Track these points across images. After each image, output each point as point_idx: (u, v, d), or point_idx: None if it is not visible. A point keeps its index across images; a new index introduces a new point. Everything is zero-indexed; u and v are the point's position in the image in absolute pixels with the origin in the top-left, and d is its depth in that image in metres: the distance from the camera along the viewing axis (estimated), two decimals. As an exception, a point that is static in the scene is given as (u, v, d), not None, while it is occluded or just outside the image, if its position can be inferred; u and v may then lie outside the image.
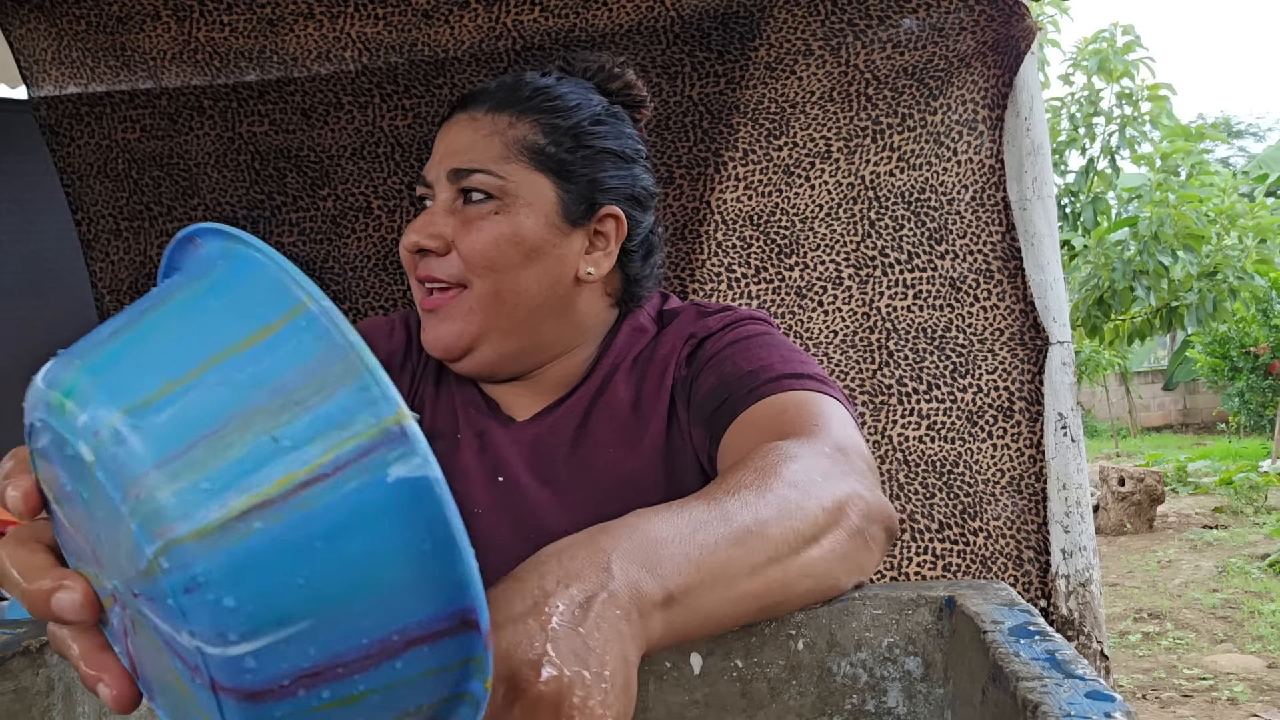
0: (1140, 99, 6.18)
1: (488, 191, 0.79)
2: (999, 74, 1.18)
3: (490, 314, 0.79)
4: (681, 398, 0.82)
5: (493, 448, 0.83)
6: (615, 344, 0.87)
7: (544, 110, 0.82)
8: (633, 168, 0.86)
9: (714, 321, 0.85)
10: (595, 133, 0.83)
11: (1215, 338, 10.00)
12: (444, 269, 0.79)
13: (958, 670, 0.54)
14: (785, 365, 0.76)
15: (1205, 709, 3.19)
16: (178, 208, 1.39)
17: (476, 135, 0.81)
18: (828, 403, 0.71)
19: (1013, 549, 1.20)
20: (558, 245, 0.81)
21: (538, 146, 0.80)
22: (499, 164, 0.79)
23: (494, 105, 0.82)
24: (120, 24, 1.31)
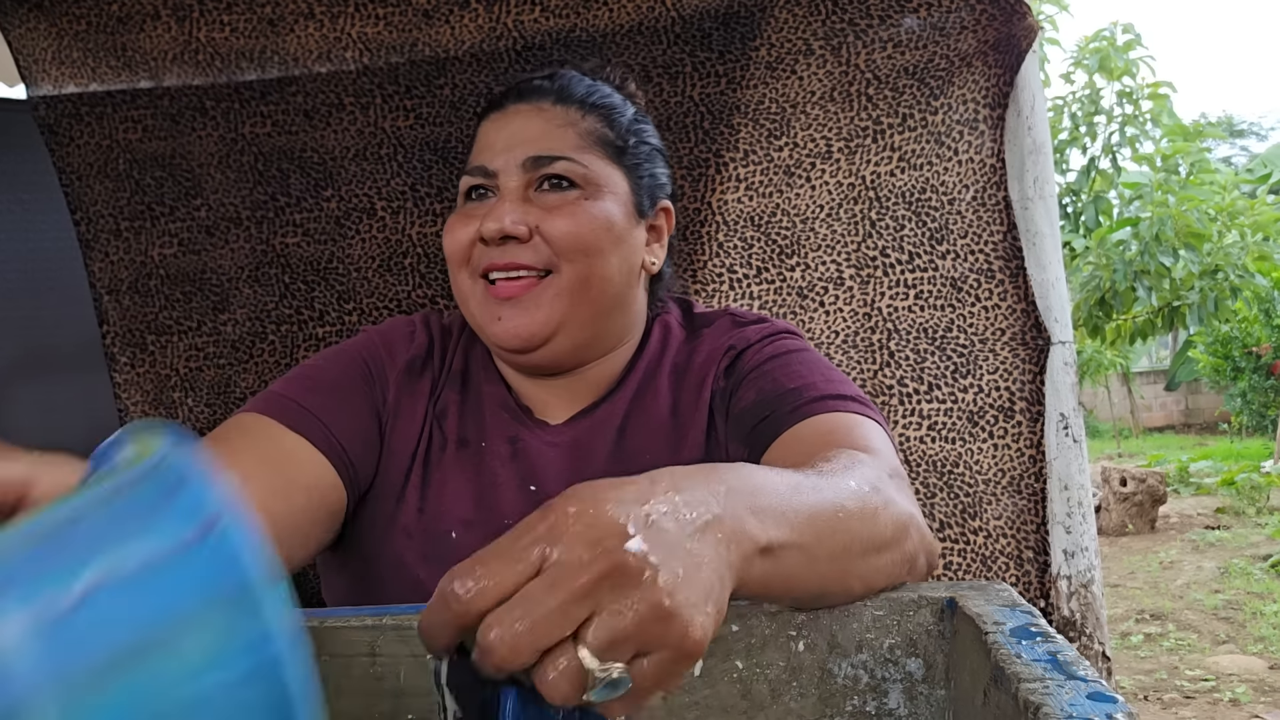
0: (1141, 97, 6.17)
1: (573, 179, 0.79)
2: (1000, 73, 1.18)
3: (576, 300, 0.78)
4: (720, 410, 0.82)
5: (525, 455, 0.82)
6: (649, 347, 0.88)
7: (603, 106, 0.84)
8: (668, 167, 0.89)
9: (751, 333, 0.85)
10: (644, 130, 0.86)
11: (1217, 338, 9.99)
12: (530, 255, 0.77)
13: (959, 672, 0.54)
14: (828, 385, 0.76)
15: (1207, 710, 3.19)
16: (180, 208, 1.39)
17: (549, 125, 0.80)
18: (872, 427, 0.72)
19: (1013, 549, 1.20)
20: (632, 235, 0.82)
21: (609, 139, 0.82)
22: (579, 153, 0.80)
23: (558, 98, 0.82)
24: (120, 24, 1.31)
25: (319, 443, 0.75)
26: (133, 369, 1.40)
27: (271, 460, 0.73)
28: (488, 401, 0.85)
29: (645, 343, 0.88)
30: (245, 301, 1.40)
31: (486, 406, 0.85)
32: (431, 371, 0.86)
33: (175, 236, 1.39)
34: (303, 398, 0.77)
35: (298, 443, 0.74)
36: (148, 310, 1.40)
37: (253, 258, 1.40)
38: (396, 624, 0.59)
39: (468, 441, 0.83)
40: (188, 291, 1.40)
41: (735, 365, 0.83)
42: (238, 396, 1.41)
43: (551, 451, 0.82)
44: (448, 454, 0.82)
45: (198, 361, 1.41)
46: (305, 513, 0.73)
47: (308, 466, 0.74)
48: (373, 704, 0.59)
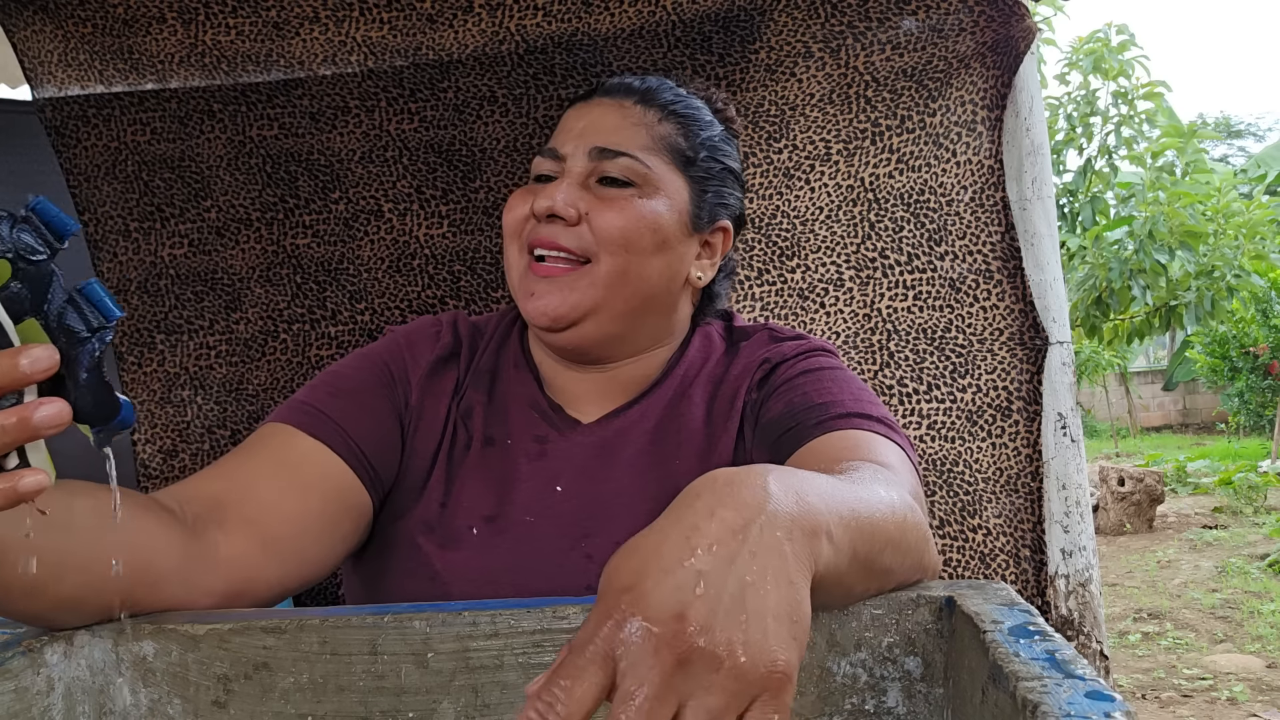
0: (1136, 97, 6.17)
1: (629, 178, 0.80)
2: (998, 74, 1.18)
3: (610, 292, 0.80)
4: (750, 420, 0.83)
5: (552, 455, 0.83)
6: (688, 354, 0.89)
7: (685, 117, 0.85)
8: (742, 192, 0.90)
9: (788, 348, 0.86)
10: (723, 150, 0.87)
11: (1215, 338, 10.00)
12: (572, 239, 0.79)
13: (957, 670, 0.54)
14: (856, 404, 0.77)
15: (1205, 709, 3.19)
16: (190, 209, 1.40)
17: (624, 122, 0.82)
18: (893, 448, 0.73)
19: (1011, 547, 1.20)
20: (682, 243, 0.83)
21: (680, 148, 0.83)
22: (645, 153, 0.81)
23: (641, 99, 0.84)
24: (126, 26, 1.31)
25: (336, 446, 0.76)
26: (140, 368, 1.41)
27: (286, 464, 0.74)
28: (516, 400, 0.86)
29: (686, 349, 0.89)
30: (257, 301, 1.41)
31: (514, 405, 0.86)
32: (457, 371, 0.87)
33: (185, 237, 1.40)
34: (322, 403, 0.79)
35: (314, 446, 0.76)
36: (157, 310, 1.41)
37: (264, 258, 1.41)
38: (398, 623, 0.59)
39: (493, 440, 0.83)
40: (198, 291, 1.41)
41: (769, 378, 0.84)
42: (250, 393, 1.42)
43: (579, 451, 0.83)
44: (472, 452, 0.83)
45: (208, 360, 1.42)
46: (320, 514, 0.74)
47: (323, 469, 0.76)
48: (373, 703, 0.59)
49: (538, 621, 0.58)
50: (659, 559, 0.41)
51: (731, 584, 0.40)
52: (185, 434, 1.42)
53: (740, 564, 0.41)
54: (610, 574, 0.42)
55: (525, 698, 0.40)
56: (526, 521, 0.79)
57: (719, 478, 0.45)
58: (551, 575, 0.77)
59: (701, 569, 0.40)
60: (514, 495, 0.80)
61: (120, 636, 0.60)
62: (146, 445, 1.42)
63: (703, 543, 0.41)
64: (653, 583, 0.40)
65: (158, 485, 1.44)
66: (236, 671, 0.59)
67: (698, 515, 0.43)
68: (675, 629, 0.38)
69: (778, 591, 0.41)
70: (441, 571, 0.78)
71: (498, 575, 0.77)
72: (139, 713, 0.60)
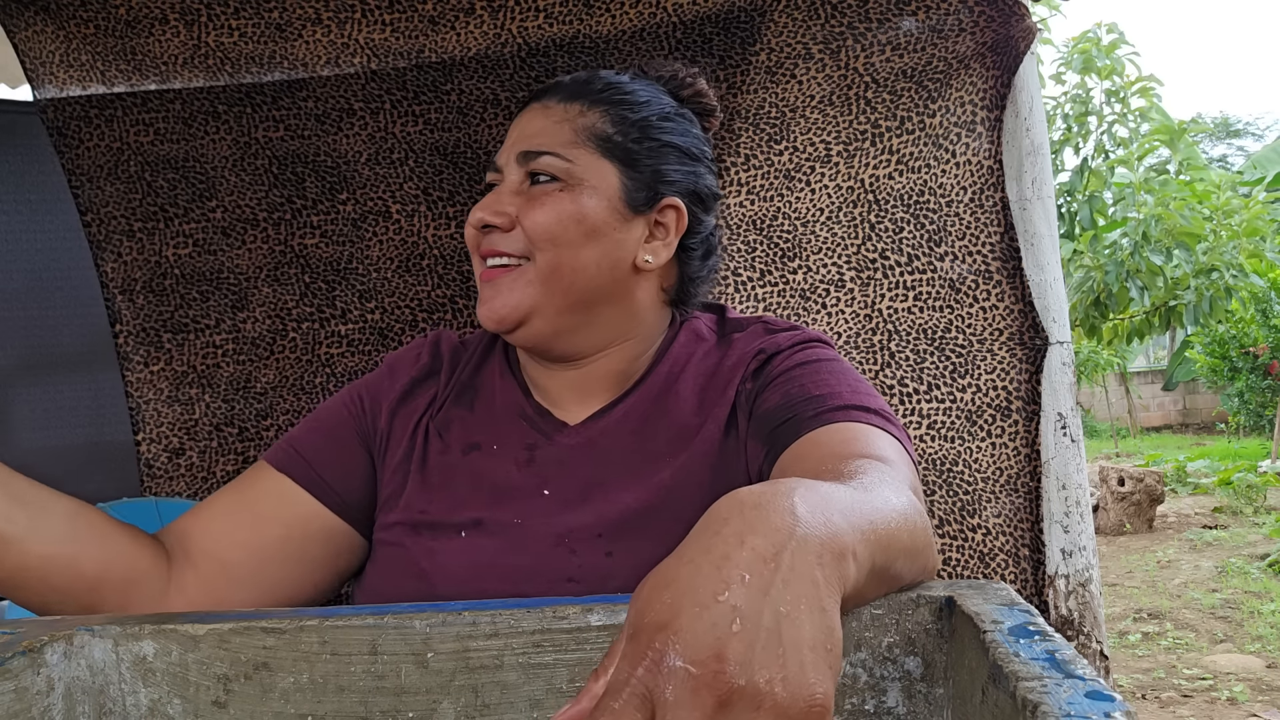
0: (1128, 95, 6.17)
1: (554, 174, 0.82)
2: (998, 75, 1.18)
3: (548, 287, 0.81)
4: (744, 409, 0.83)
5: (541, 461, 0.83)
6: (674, 349, 0.88)
7: (614, 102, 0.85)
8: (696, 166, 0.88)
9: (783, 339, 0.86)
10: (662, 127, 0.86)
11: (1215, 338, 10.00)
12: (508, 244, 0.82)
13: (957, 670, 0.54)
14: (853, 396, 0.77)
15: (1205, 709, 3.19)
16: (194, 209, 1.40)
17: (548, 122, 0.84)
18: (890, 441, 0.73)
19: (1011, 546, 1.20)
20: (618, 229, 0.83)
21: (605, 134, 0.84)
22: (567, 148, 0.83)
23: (566, 96, 0.86)
24: (129, 27, 1.31)
25: (299, 478, 0.84)
26: (146, 367, 1.41)
27: (246, 498, 0.84)
28: (504, 409, 0.87)
29: (671, 344, 0.89)
30: (264, 300, 1.42)
31: (502, 414, 0.87)
32: (434, 388, 0.90)
33: (190, 237, 1.40)
34: (297, 438, 0.87)
35: (278, 480, 0.84)
36: (163, 309, 1.41)
37: (271, 258, 1.42)
38: (398, 623, 0.59)
39: (479, 446, 0.85)
40: (204, 290, 1.41)
41: (764, 368, 0.84)
42: (258, 391, 1.43)
43: (566, 454, 0.83)
44: (452, 459, 0.84)
45: (215, 359, 1.42)
46: (282, 542, 0.82)
47: (285, 500, 0.83)
48: (373, 703, 0.59)
49: (538, 621, 0.58)
50: (693, 594, 0.40)
51: (767, 617, 0.39)
52: (193, 432, 1.42)
53: (774, 595, 0.40)
54: (641, 609, 0.41)
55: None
56: (514, 524, 0.80)
57: (745, 500, 0.45)
58: (537, 570, 0.78)
59: (736, 603, 0.39)
60: (502, 499, 0.81)
61: (120, 636, 0.60)
62: (151, 445, 1.43)
63: (735, 574, 0.40)
64: (688, 620, 0.39)
65: (162, 485, 1.45)
66: (236, 671, 0.59)
67: (727, 543, 0.42)
68: (715, 669, 0.38)
69: (812, 621, 0.40)
70: (429, 570, 0.79)
71: (483, 572, 0.78)
72: (139, 713, 0.60)
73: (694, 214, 0.88)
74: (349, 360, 1.46)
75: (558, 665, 0.58)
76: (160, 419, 1.42)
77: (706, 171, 0.89)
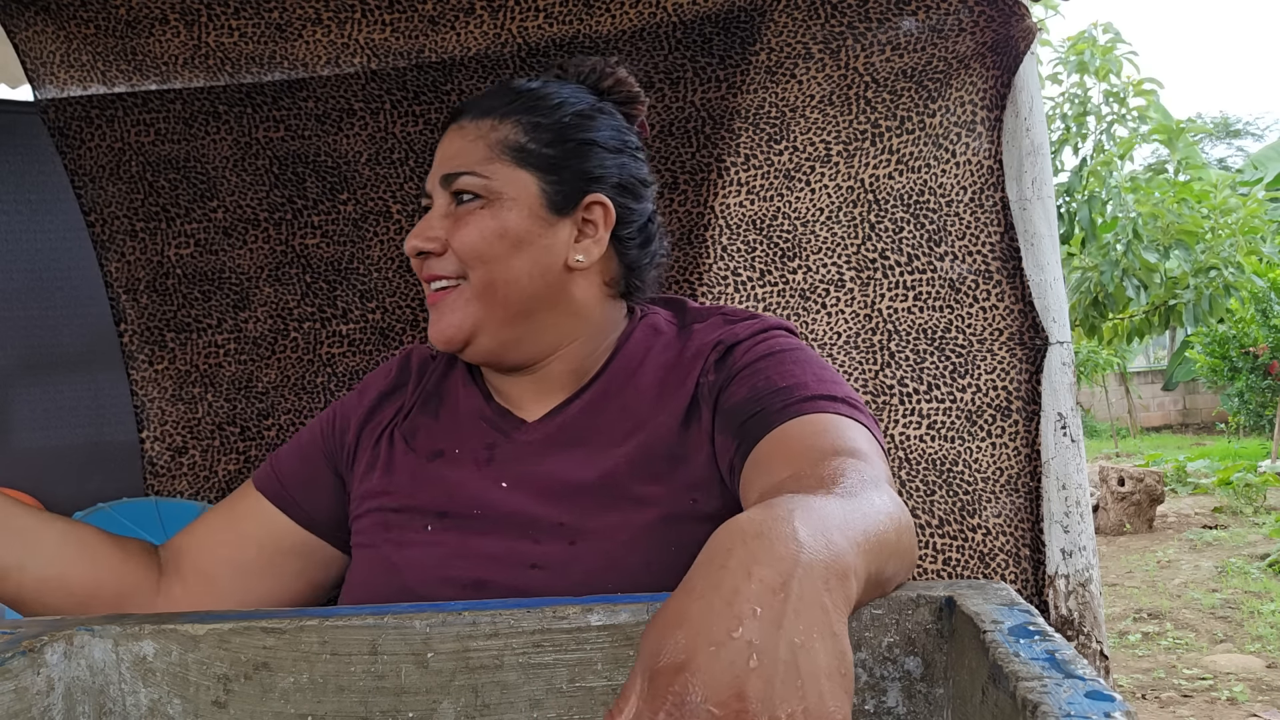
0: (1127, 95, 6.16)
1: (475, 192, 0.84)
2: (998, 75, 1.18)
3: (486, 304, 0.83)
4: (706, 401, 0.83)
5: (500, 458, 0.85)
6: (630, 343, 0.89)
7: (525, 110, 0.86)
8: (619, 157, 0.88)
9: (742, 329, 0.86)
10: (578, 126, 0.87)
11: (1215, 338, 10.00)
12: (443, 266, 0.84)
13: (957, 670, 0.54)
14: (819, 385, 0.78)
15: (1205, 709, 3.19)
16: (196, 209, 1.40)
17: (464, 142, 0.86)
18: (860, 430, 0.73)
19: (1011, 546, 1.20)
20: (544, 235, 0.84)
21: (519, 145, 0.85)
22: (483, 165, 0.84)
23: (478, 113, 0.87)
24: (129, 28, 1.31)
25: (273, 497, 0.91)
26: (151, 366, 1.42)
27: (230, 517, 0.91)
28: (467, 415, 0.89)
29: (628, 339, 0.89)
30: (266, 300, 1.42)
31: (465, 419, 0.89)
32: (401, 399, 0.93)
33: (192, 237, 1.41)
34: (277, 459, 0.94)
35: (257, 499, 0.91)
36: (166, 308, 1.41)
37: (272, 258, 1.42)
38: (398, 623, 0.59)
39: (442, 452, 0.87)
40: (206, 290, 1.42)
41: (726, 360, 0.84)
42: (259, 391, 1.44)
43: (525, 450, 0.85)
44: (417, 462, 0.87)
45: (218, 358, 1.43)
46: (257, 557, 0.89)
47: (262, 518, 0.90)
48: (373, 703, 0.59)
49: (538, 621, 0.58)
50: (707, 632, 0.40)
51: (783, 650, 0.39)
52: (195, 431, 1.43)
53: (788, 626, 0.40)
54: (654, 649, 0.41)
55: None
56: (475, 515, 0.82)
57: (746, 530, 0.44)
58: (501, 557, 0.79)
59: (751, 638, 0.39)
60: (464, 496, 0.83)
61: (120, 636, 0.60)
62: (155, 443, 1.43)
63: (746, 608, 0.40)
64: (705, 659, 0.39)
65: (164, 483, 1.45)
66: (236, 671, 0.59)
67: (735, 576, 0.42)
68: (737, 708, 0.38)
69: (825, 648, 0.40)
70: (399, 564, 0.82)
71: (449, 560, 0.80)
72: (139, 713, 0.60)
73: (623, 205, 0.88)
74: (350, 360, 1.46)
75: (558, 665, 0.58)
76: (164, 418, 1.42)
77: (631, 160, 0.89)
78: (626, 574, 0.76)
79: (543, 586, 0.76)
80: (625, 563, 0.76)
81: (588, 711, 0.58)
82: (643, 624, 0.57)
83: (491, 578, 0.78)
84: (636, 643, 0.57)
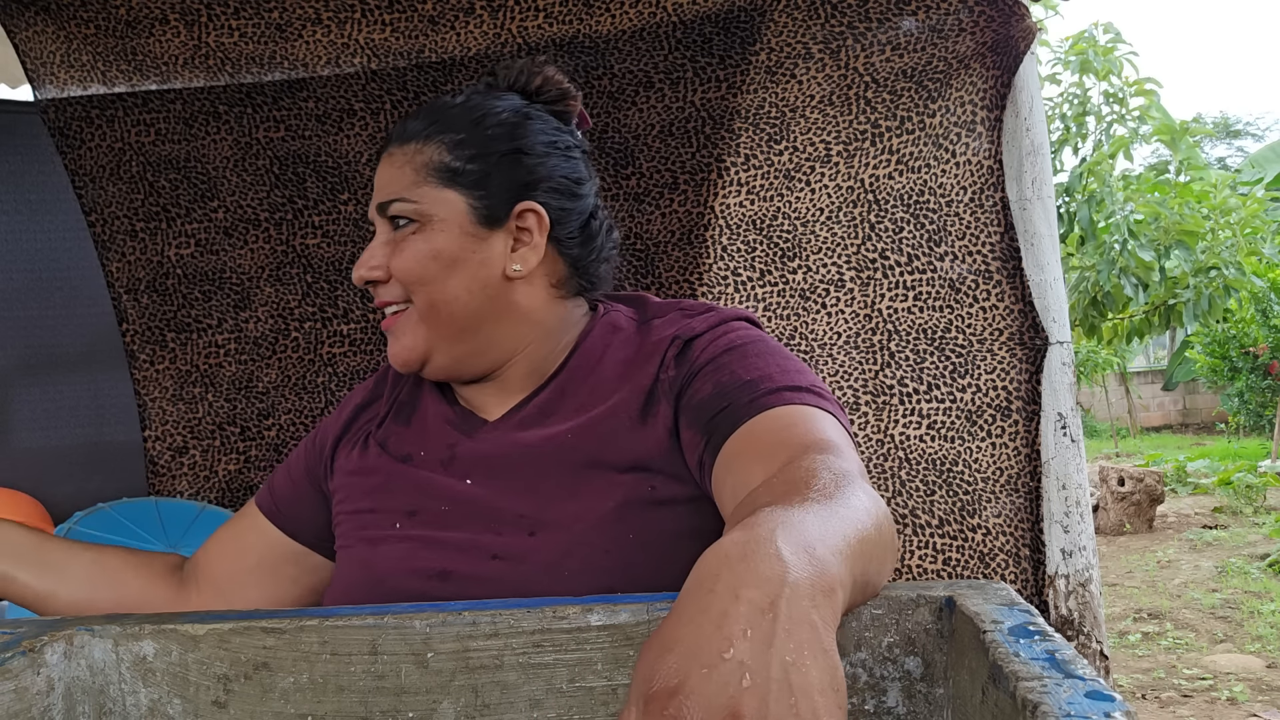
0: (1127, 96, 6.15)
1: (407, 216, 0.86)
2: (998, 75, 1.18)
3: (432, 324, 0.86)
4: (666, 397, 0.83)
5: (463, 457, 0.87)
6: (588, 342, 0.90)
7: (447, 129, 0.88)
8: (549, 160, 0.89)
9: (699, 323, 0.87)
10: (501, 136, 0.88)
11: (1214, 338, 10.00)
12: (390, 292, 0.87)
13: (957, 670, 0.54)
14: (783, 376, 0.78)
15: (1205, 709, 3.20)
16: (197, 209, 1.41)
17: (393, 169, 0.88)
18: (829, 420, 0.74)
19: (1011, 546, 1.20)
20: (477, 250, 0.86)
21: (443, 164, 0.86)
22: (411, 190, 0.86)
23: (402, 139, 0.89)
24: (129, 28, 1.31)
25: (266, 511, 0.98)
26: (152, 365, 1.42)
27: (236, 531, 0.99)
28: (434, 420, 0.91)
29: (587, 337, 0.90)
30: (267, 300, 1.42)
31: (432, 424, 0.91)
32: (376, 409, 0.96)
33: (192, 237, 1.41)
34: (272, 479, 1.01)
35: (255, 514, 0.99)
36: (167, 308, 1.42)
37: (273, 258, 1.42)
38: (398, 623, 0.59)
39: (411, 457, 0.89)
40: (207, 290, 1.42)
41: (686, 355, 0.84)
42: (260, 391, 1.44)
43: (485, 446, 0.87)
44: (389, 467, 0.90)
45: (218, 358, 1.43)
46: (257, 566, 0.97)
47: (259, 531, 0.98)
48: (373, 703, 0.59)
49: (538, 621, 0.58)
50: (698, 655, 0.40)
51: (775, 669, 0.40)
52: (196, 430, 1.43)
53: (778, 645, 0.40)
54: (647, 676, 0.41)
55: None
56: (441, 511, 0.84)
57: (730, 553, 0.45)
58: (462, 549, 0.81)
59: (743, 659, 0.40)
60: (429, 494, 0.86)
61: (120, 636, 0.60)
62: (156, 443, 1.43)
63: (736, 629, 0.40)
64: (697, 682, 0.39)
65: (165, 483, 1.45)
66: (236, 671, 0.59)
67: (723, 600, 0.42)
68: None
69: (817, 664, 0.41)
70: (370, 559, 0.85)
71: (415, 554, 0.83)
72: (139, 713, 0.60)
73: (558, 208, 0.88)
74: (351, 359, 1.46)
75: (558, 665, 0.58)
76: (165, 417, 1.43)
77: (563, 161, 0.89)
78: (585, 560, 0.77)
79: (503, 575, 0.78)
80: (583, 549, 0.78)
81: (588, 711, 0.58)
82: (643, 624, 0.57)
83: (455, 568, 0.80)
84: (636, 643, 0.57)
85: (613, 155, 1.40)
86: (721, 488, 0.74)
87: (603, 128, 1.39)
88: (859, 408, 1.31)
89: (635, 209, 1.42)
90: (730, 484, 0.72)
